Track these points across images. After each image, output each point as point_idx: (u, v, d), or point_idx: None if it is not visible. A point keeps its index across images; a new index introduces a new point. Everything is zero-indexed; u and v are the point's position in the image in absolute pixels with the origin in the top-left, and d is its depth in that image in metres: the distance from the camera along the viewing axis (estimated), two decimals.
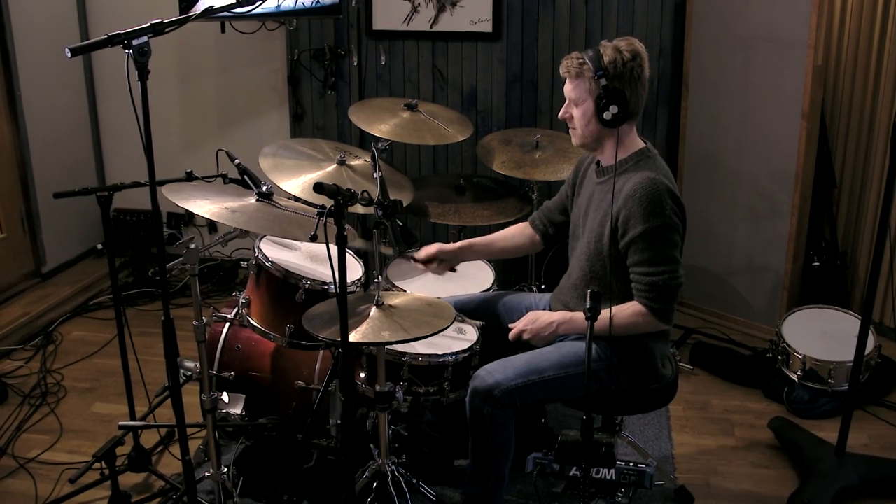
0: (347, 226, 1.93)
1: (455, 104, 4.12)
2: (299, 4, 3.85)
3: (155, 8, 2.88)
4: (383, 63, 4.15)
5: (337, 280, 1.86)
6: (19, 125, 4.00)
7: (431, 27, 4.03)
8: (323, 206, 1.91)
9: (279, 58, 4.26)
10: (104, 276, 4.33)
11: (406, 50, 4.12)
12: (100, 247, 4.53)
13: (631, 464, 1.99)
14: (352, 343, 2.04)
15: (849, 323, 3.30)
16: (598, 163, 2.45)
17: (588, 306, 1.94)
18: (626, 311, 2.32)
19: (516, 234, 2.75)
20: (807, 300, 3.68)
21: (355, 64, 4.09)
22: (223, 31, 4.00)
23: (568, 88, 2.34)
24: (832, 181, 3.79)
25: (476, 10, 3.97)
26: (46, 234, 4.22)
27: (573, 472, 1.97)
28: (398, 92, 4.17)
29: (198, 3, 3.73)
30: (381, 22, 4.06)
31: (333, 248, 1.86)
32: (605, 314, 2.29)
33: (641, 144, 2.38)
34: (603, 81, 2.25)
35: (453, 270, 2.73)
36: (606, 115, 2.26)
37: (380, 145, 3.29)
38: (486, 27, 4.00)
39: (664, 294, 2.27)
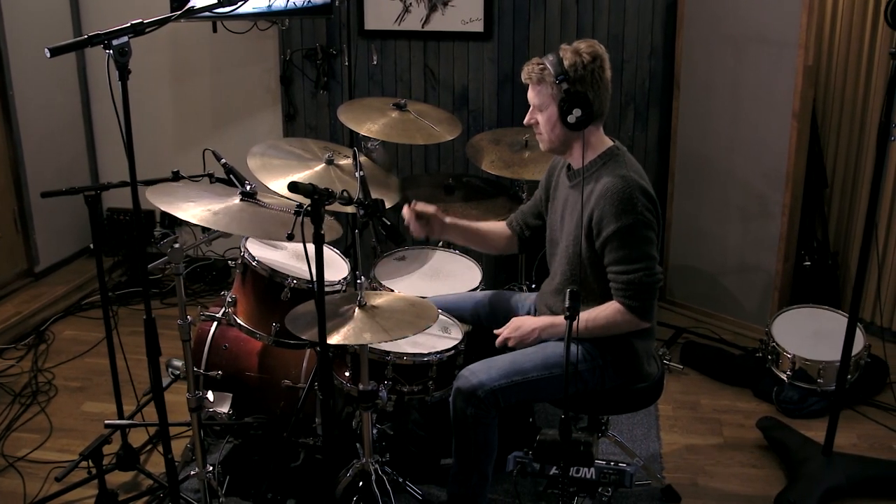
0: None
1: (447, 104, 4.12)
2: (291, 4, 3.85)
3: (148, 8, 2.87)
4: (375, 63, 4.15)
5: (315, 279, 1.86)
6: (12, 125, 4.01)
7: (423, 27, 4.03)
8: (300, 206, 1.92)
9: (271, 58, 4.26)
10: (97, 275, 4.33)
11: (398, 50, 4.12)
12: (92, 246, 4.53)
13: (611, 463, 2.00)
14: (330, 343, 2.05)
15: (839, 322, 3.28)
16: (568, 167, 2.46)
17: (567, 306, 1.95)
18: (605, 311, 2.32)
19: (497, 229, 2.74)
20: (798, 300, 3.67)
21: (347, 64, 4.09)
22: (215, 30, 4.01)
23: (531, 95, 2.35)
24: (824, 181, 3.79)
25: (467, 9, 3.97)
26: (39, 234, 4.22)
27: (553, 471, 1.98)
28: (390, 92, 4.17)
29: (189, 4, 3.73)
30: (372, 22, 4.07)
31: (311, 247, 1.87)
32: (583, 316, 2.29)
33: (609, 143, 2.38)
34: (564, 85, 2.25)
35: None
36: (570, 119, 2.27)
37: (370, 145, 3.30)
38: (478, 27, 3.99)
39: (641, 292, 2.27)
